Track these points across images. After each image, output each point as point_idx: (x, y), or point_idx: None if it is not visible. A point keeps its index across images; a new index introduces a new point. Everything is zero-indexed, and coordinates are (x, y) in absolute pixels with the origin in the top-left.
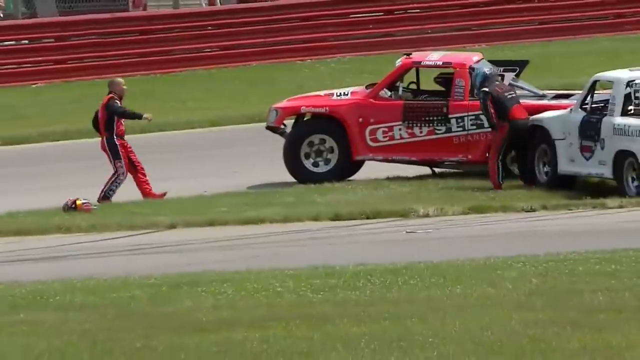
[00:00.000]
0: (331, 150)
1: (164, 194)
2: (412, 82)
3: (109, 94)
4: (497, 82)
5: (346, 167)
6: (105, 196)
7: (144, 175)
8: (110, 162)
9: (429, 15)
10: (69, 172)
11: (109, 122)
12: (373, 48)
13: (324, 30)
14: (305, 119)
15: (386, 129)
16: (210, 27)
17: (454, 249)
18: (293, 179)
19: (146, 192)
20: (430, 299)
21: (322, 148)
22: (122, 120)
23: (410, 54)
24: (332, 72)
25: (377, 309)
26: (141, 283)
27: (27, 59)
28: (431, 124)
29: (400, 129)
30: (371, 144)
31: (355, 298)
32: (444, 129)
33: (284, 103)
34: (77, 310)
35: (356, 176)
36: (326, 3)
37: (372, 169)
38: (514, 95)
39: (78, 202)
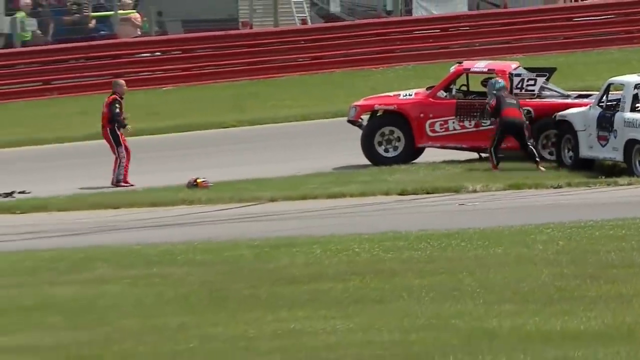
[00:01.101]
0: (398, 139)
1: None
2: (463, 85)
3: (112, 94)
4: (506, 91)
5: (410, 153)
6: (118, 180)
7: (129, 161)
8: (113, 149)
9: (476, 32)
10: (192, 156)
11: (112, 117)
12: (432, 58)
13: (393, 43)
14: (378, 114)
15: (442, 122)
16: (303, 42)
17: (496, 218)
18: (368, 162)
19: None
20: (477, 258)
21: (391, 137)
22: (122, 116)
23: (462, 62)
24: (399, 77)
25: (435, 266)
26: (248, 244)
27: (159, 67)
28: (478, 118)
29: (453, 122)
30: (430, 134)
31: (418, 257)
32: (488, 122)
33: (361, 102)
34: (197, 265)
35: (418, 160)
36: (395, 22)
37: (431, 154)
38: (513, 102)
39: (199, 180)
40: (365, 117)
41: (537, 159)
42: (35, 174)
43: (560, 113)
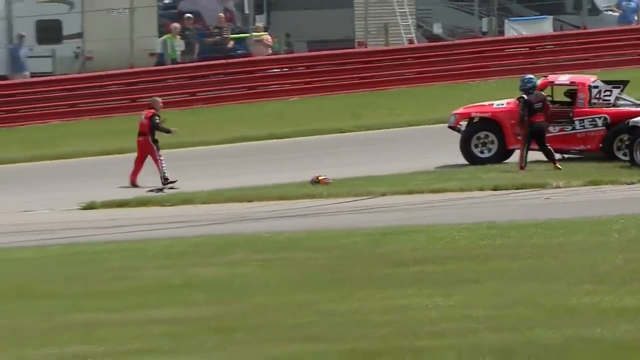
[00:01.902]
0: (492, 142)
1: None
2: (548, 95)
3: (150, 109)
4: (534, 94)
5: (502, 154)
6: (165, 178)
7: (140, 169)
8: (153, 154)
9: (559, 49)
10: (315, 156)
11: (152, 128)
12: (521, 72)
13: (487, 60)
14: (474, 120)
15: None
16: (409, 59)
17: (576, 210)
18: (466, 162)
19: (134, 178)
20: (560, 244)
21: (486, 141)
22: (162, 124)
23: (547, 76)
24: (492, 89)
25: (523, 251)
26: (361, 232)
27: (287, 81)
28: (561, 124)
29: None
30: (519, 138)
31: (508, 243)
32: (570, 127)
33: (460, 110)
34: (318, 251)
35: (509, 160)
36: (489, 42)
37: None
38: (540, 106)
39: (320, 177)
40: (463, 124)
41: (554, 158)
42: (183, 172)
43: (633, 119)
